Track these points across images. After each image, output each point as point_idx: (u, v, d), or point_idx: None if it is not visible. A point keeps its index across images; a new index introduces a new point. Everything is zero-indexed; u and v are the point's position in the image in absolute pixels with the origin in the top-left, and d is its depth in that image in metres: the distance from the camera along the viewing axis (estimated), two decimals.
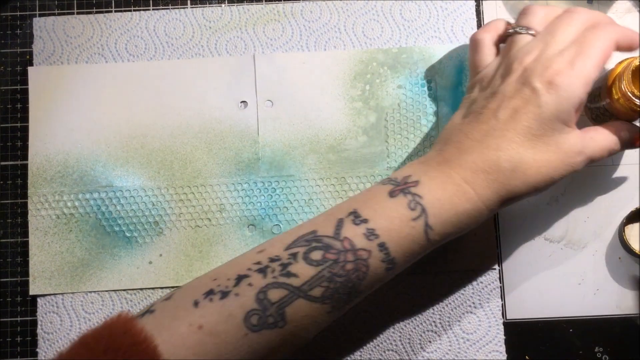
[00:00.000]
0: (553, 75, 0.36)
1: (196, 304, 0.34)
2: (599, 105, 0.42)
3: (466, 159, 0.36)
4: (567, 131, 0.37)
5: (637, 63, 0.39)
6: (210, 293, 0.34)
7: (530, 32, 0.39)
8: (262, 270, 0.34)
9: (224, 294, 0.34)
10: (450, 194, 0.36)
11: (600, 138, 0.39)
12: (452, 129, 0.39)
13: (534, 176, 0.36)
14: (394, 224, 0.35)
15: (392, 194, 0.36)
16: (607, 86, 0.40)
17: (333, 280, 0.34)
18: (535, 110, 0.36)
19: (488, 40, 0.41)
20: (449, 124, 0.39)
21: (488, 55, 0.41)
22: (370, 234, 0.35)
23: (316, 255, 0.35)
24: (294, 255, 0.35)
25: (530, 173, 0.36)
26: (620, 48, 0.38)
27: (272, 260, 0.35)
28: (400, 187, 0.37)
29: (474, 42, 0.42)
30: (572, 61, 0.36)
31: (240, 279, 0.34)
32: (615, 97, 0.40)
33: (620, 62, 0.40)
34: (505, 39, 0.41)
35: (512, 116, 0.36)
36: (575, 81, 0.36)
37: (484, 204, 0.36)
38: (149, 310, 0.35)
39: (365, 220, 0.35)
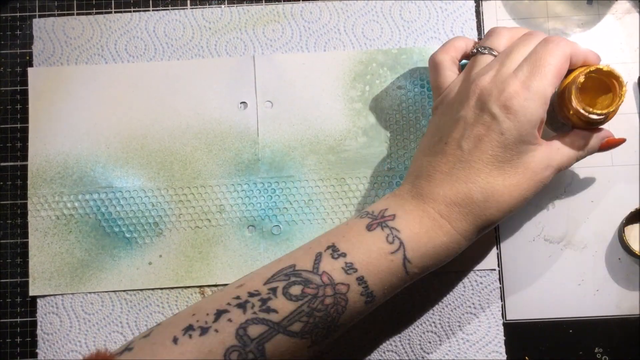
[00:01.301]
0: (509, 99, 0.36)
1: (175, 340, 0.33)
2: (557, 119, 0.41)
3: (438, 192, 0.37)
4: (532, 149, 0.37)
5: (582, 79, 0.38)
6: (189, 329, 0.34)
7: (492, 52, 0.39)
8: (242, 306, 0.34)
9: (204, 330, 0.34)
10: (427, 227, 0.36)
11: (566, 148, 0.39)
12: (421, 160, 0.39)
13: (507, 201, 0.36)
14: (372, 258, 0.35)
15: (369, 228, 0.36)
16: (559, 102, 0.40)
17: (312, 315, 0.34)
18: (498, 137, 0.36)
19: (447, 61, 0.41)
20: (418, 153, 0.40)
21: (448, 77, 0.41)
22: (349, 268, 0.35)
23: (295, 290, 0.35)
24: (273, 290, 0.35)
25: (504, 199, 0.36)
26: (574, 64, 0.38)
27: (251, 295, 0.35)
28: (377, 220, 0.37)
29: (433, 64, 0.42)
30: (526, 82, 0.36)
31: (219, 314, 0.34)
32: (569, 112, 0.39)
33: (567, 76, 0.39)
34: (469, 57, 0.41)
35: (477, 145, 0.36)
36: (531, 104, 0.36)
37: (462, 236, 0.37)
38: (127, 348, 0.34)
39: (343, 254, 0.35)
